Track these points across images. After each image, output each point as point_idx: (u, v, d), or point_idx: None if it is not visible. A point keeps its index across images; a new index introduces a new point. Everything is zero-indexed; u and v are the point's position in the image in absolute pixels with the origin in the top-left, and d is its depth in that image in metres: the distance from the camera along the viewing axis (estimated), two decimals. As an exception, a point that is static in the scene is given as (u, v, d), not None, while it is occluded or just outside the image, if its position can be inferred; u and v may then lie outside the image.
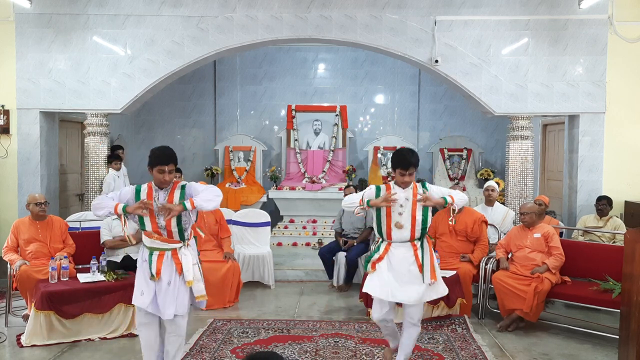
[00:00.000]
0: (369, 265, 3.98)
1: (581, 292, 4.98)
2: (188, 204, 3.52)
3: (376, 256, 3.97)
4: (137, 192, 3.69)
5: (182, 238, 3.69)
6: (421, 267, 3.85)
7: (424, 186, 3.90)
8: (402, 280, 3.85)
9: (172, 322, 3.68)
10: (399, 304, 4.60)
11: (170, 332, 3.73)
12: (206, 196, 3.57)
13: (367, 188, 4.10)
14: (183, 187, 3.70)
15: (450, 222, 4.10)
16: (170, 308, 3.62)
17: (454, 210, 3.89)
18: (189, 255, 3.69)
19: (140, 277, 3.71)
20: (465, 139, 9.86)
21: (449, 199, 3.85)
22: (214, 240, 6.11)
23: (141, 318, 3.75)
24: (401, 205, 3.85)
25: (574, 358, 4.52)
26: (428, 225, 3.91)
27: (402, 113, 10.34)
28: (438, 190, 3.93)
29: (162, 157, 3.57)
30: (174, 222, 3.62)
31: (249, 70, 10.32)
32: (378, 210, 3.92)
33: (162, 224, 3.63)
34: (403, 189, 3.90)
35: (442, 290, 3.99)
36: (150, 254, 3.68)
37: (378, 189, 3.98)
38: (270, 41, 6.91)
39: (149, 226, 3.65)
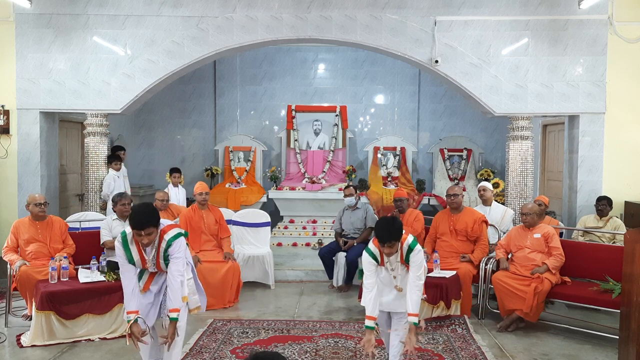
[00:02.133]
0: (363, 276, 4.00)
1: (581, 293, 4.98)
2: (176, 315, 3.44)
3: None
4: (124, 242, 3.52)
5: None
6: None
7: (409, 251, 3.72)
8: (395, 291, 3.86)
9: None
10: None
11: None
12: (177, 294, 3.47)
13: (364, 260, 3.89)
14: (169, 242, 3.51)
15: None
16: (152, 315, 3.60)
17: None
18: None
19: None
20: (465, 139, 9.86)
21: (420, 323, 3.71)
22: (214, 241, 6.12)
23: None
24: (392, 269, 3.79)
25: (574, 358, 4.52)
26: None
27: (402, 113, 10.34)
28: (415, 264, 3.73)
29: (138, 222, 3.37)
30: (162, 264, 3.57)
31: (249, 71, 10.32)
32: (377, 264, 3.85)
33: (151, 269, 3.60)
34: (388, 256, 3.79)
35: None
36: (142, 272, 3.65)
37: (371, 253, 3.84)
38: (270, 41, 6.91)
39: (138, 264, 3.57)
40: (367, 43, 6.78)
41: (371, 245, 3.85)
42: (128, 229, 3.51)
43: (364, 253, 3.88)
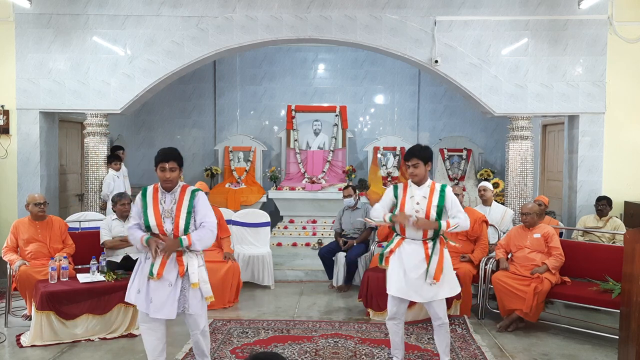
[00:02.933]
0: (383, 260, 4.02)
1: (581, 292, 4.98)
2: (185, 241, 3.54)
3: (387, 250, 4.01)
4: (144, 194, 3.69)
5: None
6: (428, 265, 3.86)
7: (443, 190, 3.88)
8: (413, 277, 3.85)
9: (191, 320, 3.68)
10: (413, 303, 4.56)
11: (193, 330, 3.74)
12: (202, 236, 3.58)
13: (386, 191, 4.10)
14: (193, 193, 3.66)
15: (453, 244, 4.20)
16: (170, 308, 3.59)
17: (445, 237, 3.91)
18: (194, 258, 3.66)
19: (140, 276, 3.70)
20: (465, 139, 9.85)
21: (443, 225, 3.82)
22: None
23: (143, 317, 3.72)
24: (417, 203, 3.87)
25: (573, 358, 4.52)
26: (442, 227, 3.88)
27: (402, 113, 10.34)
28: (451, 203, 3.88)
29: (163, 155, 3.60)
30: (181, 227, 3.60)
31: (249, 71, 10.32)
32: (395, 205, 3.97)
33: (168, 228, 3.61)
34: (418, 185, 3.93)
35: (454, 289, 3.98)
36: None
37: (395, 188, 4.03)
38: (270, 41, 6.91)
39: (152, 222, 3.63)
40: (367, 43, 6.78)
41: (400, 184, 4.04)
42: (150, 189, 3.70)
43: (390, 187, 4.06)
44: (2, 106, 6.78)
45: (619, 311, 4.07)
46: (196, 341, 3.79)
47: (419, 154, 3.89)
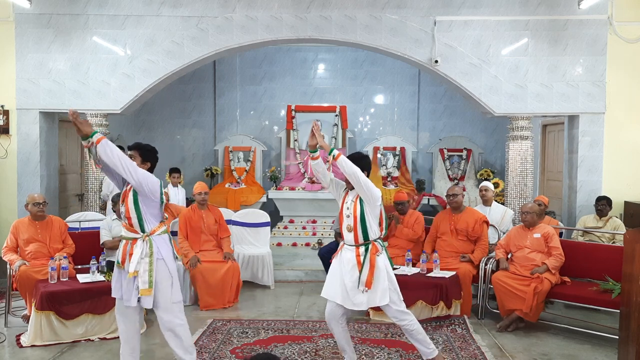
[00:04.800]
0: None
1: (581, 293, 4.98)
2: (97, 135, 3.61)
3: (335, 254, 4.14)
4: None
5: (142, 229, 3.68)
6: (360, 272, 3.87)
7: (330, 153, 3.82)
8: (349, 282, 3.90)
9: (157, 315, 3.73)
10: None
11: (161, 326, 3.75)
12: (114, 149, 3.55)
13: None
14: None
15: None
16: (132, 297, 3.66)
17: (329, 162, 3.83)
18: (138, 247, 3.64)
19: (117, 266, 3.83)
20: (465, 139, 9.86)
21: (335, 152, 3.78)
22: (214, 241, 6.11)
23: (118, 306, 3.80)
24: (348, 208, 3.94)
25: (573, 358, 4.52)
26: (369, 232, 3.87)
27: (402, 113, 10.34)
28: (349, 164, 3.81)
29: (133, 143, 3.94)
30: (131, 209, 3.65)
31: (248, 71, 10.32)
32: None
33: (122, 210, 3.76)
34: (350, 190, 3.99)
35: (381, 300, 3.89)
36: (122, 242, 3.79)
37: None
38: (270, 41, 6.91)
39: (122, 208, 3.77)
40: (367, 43, 6.78)
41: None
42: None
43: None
44: (2, 106, 6.78)
45: (619, 311, 4.08)
46: (167, 340, 3.75)
47: (353, 161, 3.87)
